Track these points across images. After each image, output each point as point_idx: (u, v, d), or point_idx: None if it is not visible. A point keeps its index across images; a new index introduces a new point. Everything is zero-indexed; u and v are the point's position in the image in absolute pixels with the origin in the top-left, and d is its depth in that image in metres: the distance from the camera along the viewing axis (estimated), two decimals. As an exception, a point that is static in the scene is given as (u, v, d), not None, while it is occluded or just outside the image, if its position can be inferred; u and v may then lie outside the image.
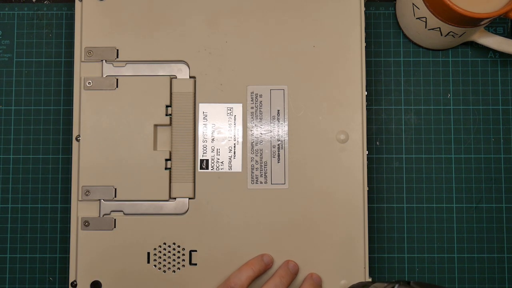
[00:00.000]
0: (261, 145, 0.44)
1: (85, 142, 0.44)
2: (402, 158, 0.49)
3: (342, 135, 0.44)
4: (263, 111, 0.45)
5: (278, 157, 0.44)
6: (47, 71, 0.50)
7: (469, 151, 0.49)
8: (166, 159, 0.44)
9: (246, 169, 0.44)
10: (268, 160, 0.44)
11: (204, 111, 0.45)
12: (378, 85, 0.49)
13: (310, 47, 0.45)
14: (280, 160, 0.44)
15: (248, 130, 0.44)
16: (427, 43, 0.49)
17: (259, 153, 0.44)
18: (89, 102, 0.45)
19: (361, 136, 0.44)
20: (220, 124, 0.45)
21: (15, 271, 0.48)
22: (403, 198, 0.49)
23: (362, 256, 0.43)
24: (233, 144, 0.44)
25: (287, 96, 0.45)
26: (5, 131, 0.49)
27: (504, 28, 0.50)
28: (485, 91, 0.49)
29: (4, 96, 0.49)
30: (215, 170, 0.44)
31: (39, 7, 0.50)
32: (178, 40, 0.45)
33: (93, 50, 0.45)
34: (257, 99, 0.45)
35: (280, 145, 0.44)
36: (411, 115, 0.49)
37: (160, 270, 0.44)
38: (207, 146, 0.44)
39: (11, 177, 0.49)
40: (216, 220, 0.44)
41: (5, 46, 0.50)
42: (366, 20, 0.50)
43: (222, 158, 0.44)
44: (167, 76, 0.45)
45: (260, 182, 0.44)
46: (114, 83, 0.45)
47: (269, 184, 0.44)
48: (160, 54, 0.45)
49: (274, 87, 0.45)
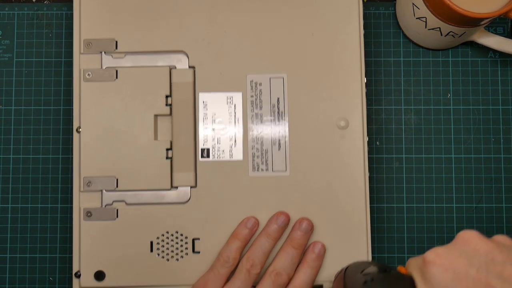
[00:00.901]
0: (261, 133, 0.44)
1: (85, 134, 0.44)
2: (402, 158, 0.49)
3: (342, 121, 0.44)
4: (263, 99, 0.45)
5: (278, 144, 0.44)
6: (47, 71, 0.50)
7: (469, 151, 0.49)
8: (167, 148, 0.44)
9: (247, 157, 0.44)
10: (269, 147, 0.44)
11: (204, 100, 0.45)
12: (378, 85, 0.49)
13: (309, 35, 0.45)
14: (281, 148, 0.44)
15: (248, 119, 0.45)
16: (427, 43, 0.49)
17: (260, 141, 0.44)
18: (89, 93, 0.45)
19: (361, 122, 0.44)
20: (221, 113, 0.45)
21: (15, 271, 0.48)
22: (403, 198, 0.49)
23: (364, 242, 0.44)
24: (234, 132, 0.44)
25: (286, 84, 0.45)
26: (5, 131, 0.49)
27: (504, 28, 0.50)
28: (485, 91, 0.49)
29: (4, 96, 0.49)
30: (216, 159, 0.44)
31: (39, 7, 0.50)
32: (177, 30, 0.45)
33: (92, 42, 0.45)
34: (256, 87, 0.45)
35: (280, 132, 0.44)
36: (411, 115, 0.49)
37: (164, 258, 0.44)
38: (207, 135, 0.44)
39: (11, 177, 0.49)
40: (218, 208, 0.44)
41: (5, 46, 0.50)
42: (366, 20, 0.50)
43: (223, 146, 0.44)
44: (167, 66, 0.45)
45: (261, 170, 0.44)
46: (113, 75, 0.45)
47: (270, 171, 0.44)
48: (159, 44, 0.45)
49: (274, 75, 0.45)
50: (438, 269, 0.30)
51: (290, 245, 0.42)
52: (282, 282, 0.41)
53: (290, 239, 0.43)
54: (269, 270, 0.42)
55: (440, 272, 0.30)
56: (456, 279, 0.30)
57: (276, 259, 0.42)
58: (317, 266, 0.43)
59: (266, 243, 0.42)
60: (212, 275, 0.41)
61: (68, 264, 0.48)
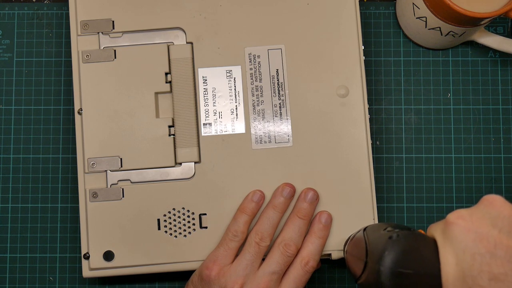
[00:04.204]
0: (262, 105, 0.45)
1: (87, 115, 0.44)
2: (402, 158, 0.49)
3: (342, 89, 0.44)
4: (262, 72, 0.45)
5: (280, 116, 0.44)
6: (47, 71, 0.50)
7: (469, 150, 0.49)
8: (169, 125, 0.44)
9: (249, 130, 0.44)
10: (271, 119, 0.44)
11: (204, 75, 0.45)
12: (378, 84, 0.49)
13: (304, 5, 0.45)
14: (283, 119, 0.44)
15: (248, 91, 0.45)
16: (427, 43, 0.49)
17: (261, 113, 0.44)
18: (89, 75, 0.45)
19: (361, 89, 0.44)
20: (221, 87, 0.45)
21: (15, 271, 0.48)
22: (403, 198, 0.49)
23: (370, 208, 0.44)
24: (235, 106, 0.45)
25: (285, 55, 0.45)
26: (5, 131, 0.49)
27: (504, 28, 0.50)
28: (485, 90, 0.49)
29: (4, 96, 0.49)
30: (218, 133, 0.44)
31: (39, 6, 0.50)
32: (173, 6, 0.45)
33: (88, 23, 0.45)
34: (255, 60, 0.45)
35: (281, 104, 0.44)
36: (411, 114, 0.49)
37: (172, 235, 0.44)
38: (209, 110, 0.45)
39: (11, 176, 0.49)
40: (223, 182, 0.44)
41: (5, 46, 0.50)
42: (366, 20, 0.50)
43: (224, 121, 0.44)
44: (164, 43, 0.45)
45: (264, 142, 0.44)
46: (112, 55, 0.45)
47: (273, 143, 0.44)
48: (155, 22, 0.45)
49: (272, 47, 0.45)
50: (460, 230, 0.30)
51: (296, 216, 0.42)
52: (291, 253, 0.41)
53: (297, 210, 0.43)
54: (278, 242, 0.42)
55: (462, 233, 0.30)
56: (477, 240, 0.30)
57: (283, 231, 0.42)
58: (324, 236, 0.43)
59: (273, 215, 0.42)
60: (222, 250, 0.42)
61: (69, 264, 0.48)
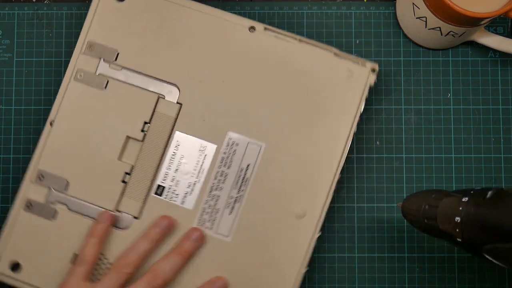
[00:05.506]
0: (219, 192, 0.44)
1: (56, 129, 0.44)
2: (402, 158, 0.49)
3: (300, 211, 0.43)
4: (234, 160, 0.44)
5: (232, 209, 0.43)
6: (47, 71, 0.50)
7: (469, 151, 0.49)
8: (126, 172, 0.44)
9: (197, 209, 0.44)
10: (221, 208, 0.43)
11: (178, 140, 0.44)
12: (378, 84, 0.49)
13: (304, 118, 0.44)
14: (232, 213, 0.43)
15: (213, 173, 0.44)
16: (427, 43, 0.49)
17: (215, 198, 0.44)
18: (74, 93, 0.45)
19: (318, 217, 0.43)
20: (189, 158, 0.44)
21: (15, 271, 0.48)
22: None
23: None
24: (194, 181, 0.44)
25: (262, 154, 0.44)
26: (5, 131, 0.49)
27: (504, 28, 0.50)
28: (485, 90, 0.49)
29: (4, 96, 0.49)
30: (167, 200, 0.44)
31: (39, 6, 0.50)
32: (178, 63, 0.45)
33: (94, 46, 0.45)
34: (232, 146, 0.44)
35: (237, 199, 0.43)
36: (411, 114, 0.49)
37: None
38: (168, 174, 0.44)
39: (11, 176, 0.49)
40: None
41: (5, 46, 0.50)
42: (366, 20, 0.50)
43: (178, 190, 0.44)
44: (156, 94, 0.44)
45: (206, 227, 0.43)
46: (103, 84, 0.45)
47: (214, 232, 0.43)
48: (157, 70, 0.45)
49: (253, 141, 0.44)
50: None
51: (174, 251, 0.42)
52: (157, 285, 0.41)
53: (177, 246, 0.42)
54: (148, 270, 0.41)
55: None
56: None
57: (157, 262, 0.42)
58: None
59: (143, 244, 0.42)
60: (69, 276, 0.41)
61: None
